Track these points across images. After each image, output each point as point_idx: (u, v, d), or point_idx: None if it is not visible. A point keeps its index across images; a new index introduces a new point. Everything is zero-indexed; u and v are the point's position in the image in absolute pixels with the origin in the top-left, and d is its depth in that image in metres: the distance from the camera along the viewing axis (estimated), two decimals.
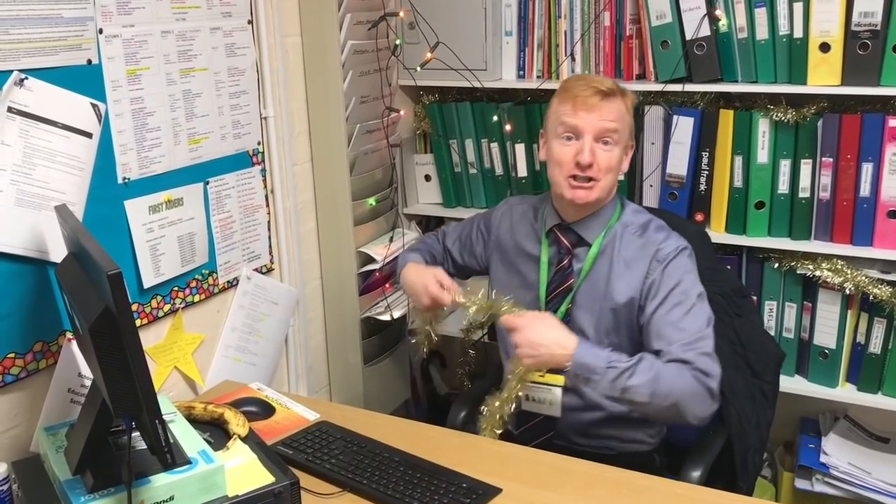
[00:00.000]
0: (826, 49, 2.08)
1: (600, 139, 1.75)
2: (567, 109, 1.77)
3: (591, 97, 1.74)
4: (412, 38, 2.53)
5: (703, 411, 1.67)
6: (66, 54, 1.62)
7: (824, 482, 2.30)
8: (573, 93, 1.77)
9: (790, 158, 2.22)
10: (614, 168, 1.78)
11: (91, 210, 1.70)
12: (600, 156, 1.75)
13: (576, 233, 1.84)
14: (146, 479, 1.35)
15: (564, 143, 1.78)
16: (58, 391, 1.65)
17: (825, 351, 2.28)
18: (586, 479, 1.62)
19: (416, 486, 1.55)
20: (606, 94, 1.75)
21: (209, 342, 2.06)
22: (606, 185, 1.78)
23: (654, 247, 1.78)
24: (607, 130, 1.75)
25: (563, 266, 1.84)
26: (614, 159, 1.77)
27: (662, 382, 1.63)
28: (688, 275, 1.76)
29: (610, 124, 1.75)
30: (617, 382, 1.64)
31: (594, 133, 1.75)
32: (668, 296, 1.73)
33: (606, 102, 1.75)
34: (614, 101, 1.76)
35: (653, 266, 1.76)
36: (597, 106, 1.74)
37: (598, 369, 1.65)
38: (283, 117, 2.20)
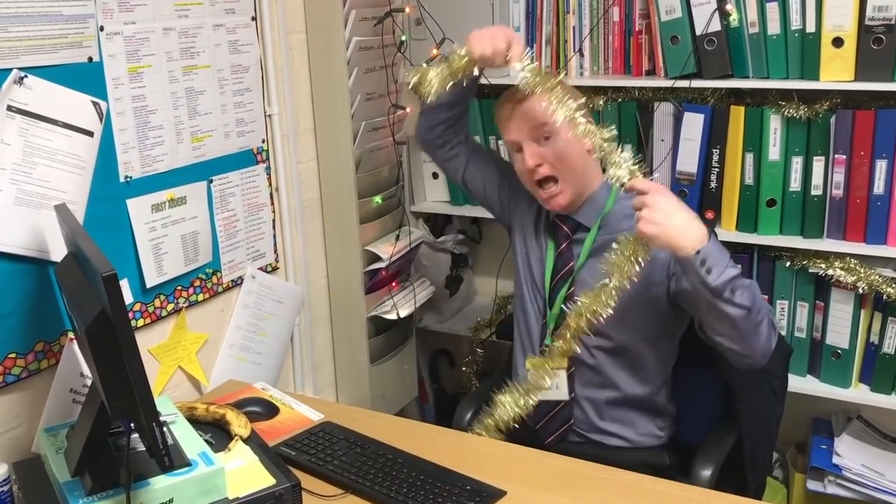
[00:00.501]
0: (839, 44, 2.04)
1: (538, 139, 1.76)
2: (501, 129, 1.83)
3: (509, 110, 1.78)
4: (419, 35, 2.51)
5: (769, 350, 1.61)
6: (67, 52, 1.60)
7: (837, 484, 2.27)
8: (497, 114, 1.84)
9: (802, 155, 2.18)
10: (569, 156, 1.75)
11: (93, 209, 1.69)
12: (545, 153, 1.76)
13: (574, 219, 1.85)
14: (145, 481, 1.34)
15: (516, 158, 1.82)
16: (59, 391, 1.64)
17: (838, 351, 2.25)
18: (592, 481, 1.59)
19: (420, 488, 1.53)
20: (521, 100, 1.76)
21: (213, 341, 2.05)
22: (574, 176, 1.78)
23: None
24: (537, 128, 1.75)
25: (563, 251, 1.86)
26: (561, 149, 1.75)
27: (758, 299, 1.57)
28: None
29: (536, 122, 1.75)
30: (731, 273, 1.53)
31: (527, 138, 1.77)
32: None
33: (522, 105, 1.76)
34: (531, 100, 1.74)
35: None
36: (514, 113, 1.77)
37: (725, 257, 1.54)
38: (287, 115, 2.19)
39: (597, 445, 1.84)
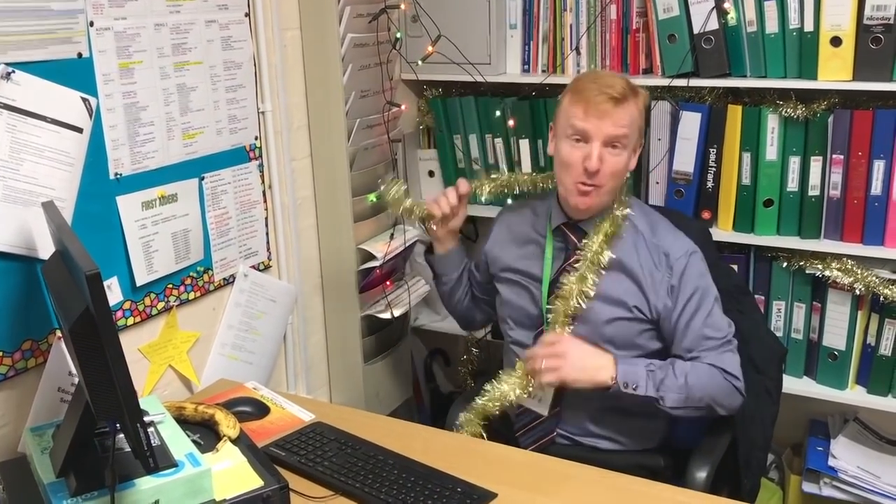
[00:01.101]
0: (837, 43, 2.03)
1: (609, 144, 1.75)
2: (578, 112, 1.76)
3: (604, 103, 1.73)
4: (414, 32, 2.49)
5: (733, 405, 1.79)
6: (56, 47, 1.59)
7: (832, 486, 2.26)
8: (585, 96, 1.75)
9: (800, 155, 2.16)
10: (620, 172, 1.78)
11: (82, 206, 1.67)
12: (608, 161, 1.75)
13: (583, 230, 1.84)
14: (131, 482, 1.32)
15: (573, 144, 1.77)
16: (47, 390, 1.63)
17: (834, 352, 2.23)
18: (584, 484, 1.58)
19: (410, 490, 1.52)
20: (619, 101, 1.74)
21: (205, 340, 2.03)
22: (609, 189, 1.80)
23: (664, 251, 1.80)
24: (617, 137, 1.75)
25: (572, 262, 1.84)
26: (621, 164, 1.77)
27: (697, 384, 1.74)
28: (703, 278, 1.81)
29: (620, 130, 1.74)
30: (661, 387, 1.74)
31: (603, 139, 1.75)
32: (688, 302, 1.78)
33: (618, 109, 1.74)
34: (626, 106, 1.75)
35: (666, 273, 1.78)
36: (608, 112, 1.73)
37: (640, 373, 1.74)
38: (281, 112, 2.17)
39: (589, 449, 1.83)
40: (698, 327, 1.78)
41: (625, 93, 1.75)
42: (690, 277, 1.79)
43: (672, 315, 1.79)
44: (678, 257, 1.79)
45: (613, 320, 1.80)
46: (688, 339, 1.79)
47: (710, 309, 1.79)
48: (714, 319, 1.79)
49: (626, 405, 1.81)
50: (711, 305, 1.79)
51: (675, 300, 1.78)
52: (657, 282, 1.79)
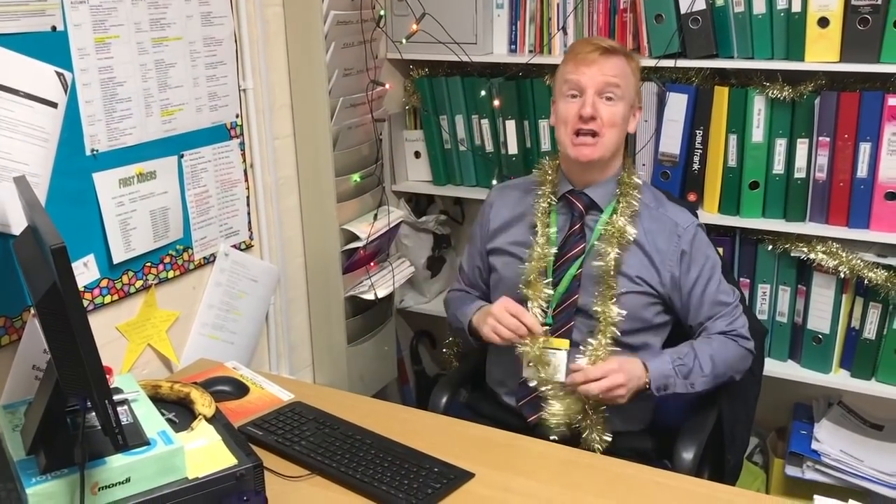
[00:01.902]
0: (825, 24, 2.01)
1: (603, 94, 1.77)
2: (570, 67, 1.80)
3: (592, 53, 1.77)
4: (400, 10, 2.46)
5: (747, 368, 1.86)
6: (29, 20, 1.56)
7: (815, 469, 2.25)
8: (575, 51, 1.82)
9: (786, 137, 2.15)
10: (618, 124, 1.78)
11: (57, 183, 1.65)
12: (603, 110, 1.76)
13: (588, 196, 1.84)
14: (102, 460, 1.31)
15: (569, 101, 1.80)
16: (21, 368, 1.61)
17: (819, 336, 2.22)
18: (562, 464, 1.57)
19: (387, 469, 1.51)
20: (607, 51, 1.78)
21: (185, 319, 2.01)
22: (611, 142, 1.79)
23: (671, 222, 1.82)
24: (608, 84, 1.76)
25: (575, 231, 1.84)
26: (618, 114, 1.78)
27: (719, 362, 1.79)
28: (710, 248, 1.86)
29: (611, 79, 1.76)
30: (688, 380, 1.77)
31: (596, 87, 1.76)
32: (700, 273, 1.81)
33: (607, 58, 1.77)
34: (616, 58, 1.78)
35: (675, 242, 1.81)
36: (597, 61, 1.77)
37: (670, 372, 1.76)
38: (262, 89, 2.14)
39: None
40: (713, 293, 1.82)
41: (615, 46, 1.80)
42: (701, 245, 1.83)
43: (685, 285, 1.80)
44: (687, 226, 1.82)
45: (623, 294, 1.79)
46: (705, 307, 1.81)
47: (719, 278, 1.84)
48: (725, 285, 1.85)
49: None
50: (719, 275, 1.84)
51: (688, 268, 1.80)
52: (666, 252, 1.80)
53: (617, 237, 1.78)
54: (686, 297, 1.82)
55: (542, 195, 1.88)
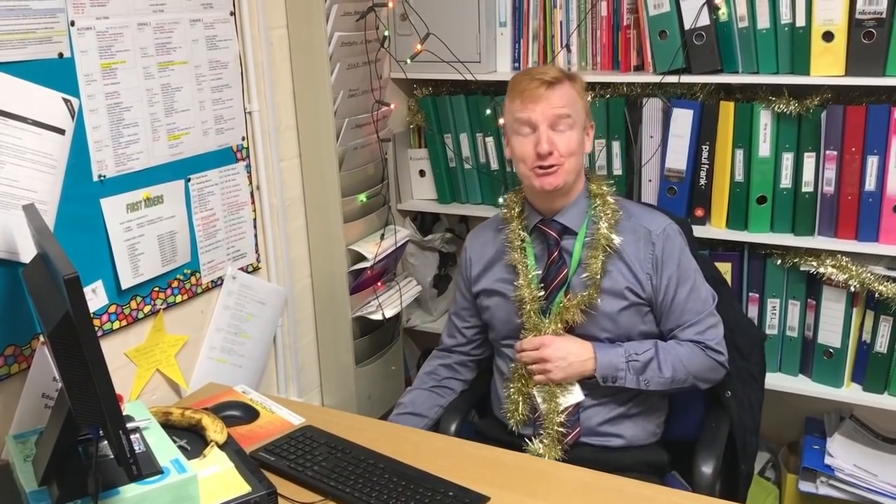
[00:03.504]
0: (830, 38, 2.01)
1: (555, 126, 1.77)
2: (518, 105, 1.80)
3: (537, 89, 1.77)
4: (404, 30, 2.47)
5: (717, 378, 1.85)
6: (36, 47, 1.56)
7: (829, 485, 2.24)
8: (520, 87, 1.80)
9: (793, 152, 2.14)
10: (575, 150, 1.79)
11: (65, 209, 1.64)
12: (558, 141, 1.77)
13: (560, 223, 1.84)
14: (115, 490, 1.30)
15: (523, 138, 1.80)
16: (31, 396, 1.60)
17: (830, 350, 2.21)
18: (578, 486, 1.55)
19: (401, 494, 1.49)
20: (551, 83, 1.77)
21: (193, 344, 2.00)
22: (571, 168, 1.79)
23: (644, 230, 1.82)
24: (559, 117, 1.77)
25: (555, 258, 1.84)
26: (574, 141, 1.78)
27: (680, 367, 1.78)
28: (683, 251, 1.83)
29: (560, 110, 1.77)
30: (641, 376, 1.77)
31: (548, 122, 1.77)
32: (669, 279, 1.80)
33: (553, 90, 1.77)
34: (561, 88, 1.78)
35: (648, 249, 1.80)
36: (543, 95, 1.77)
37: (621, 365, 1.77)
38: (268, 112, 2.14)
39: (597, 448, 1.81)
40: (682, 301, 1.80)
41: (557, 76, 1.79)
42: (672, 251, 1.81)
43: (658, 290, 1.80)
44: (658, 232, 1.81)
45: (618, 313, 1.80)
46: (673, 314, 1.81)
47: (693, 283, 1.82)
48: (697, 293, 1.82)
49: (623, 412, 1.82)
50: (693, 279, 1.82)
51: (660, 274, 1.80)
52: (643, 260, 1.80)
53: (602, 245, 1.78)
54: (659, 302, 1.82)
55: (512, 232, 1.88)
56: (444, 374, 2.03)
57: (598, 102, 2.35)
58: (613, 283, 1.80)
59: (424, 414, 1.95)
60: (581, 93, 1.83)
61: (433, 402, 1.98)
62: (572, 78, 1.82)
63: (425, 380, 2.02)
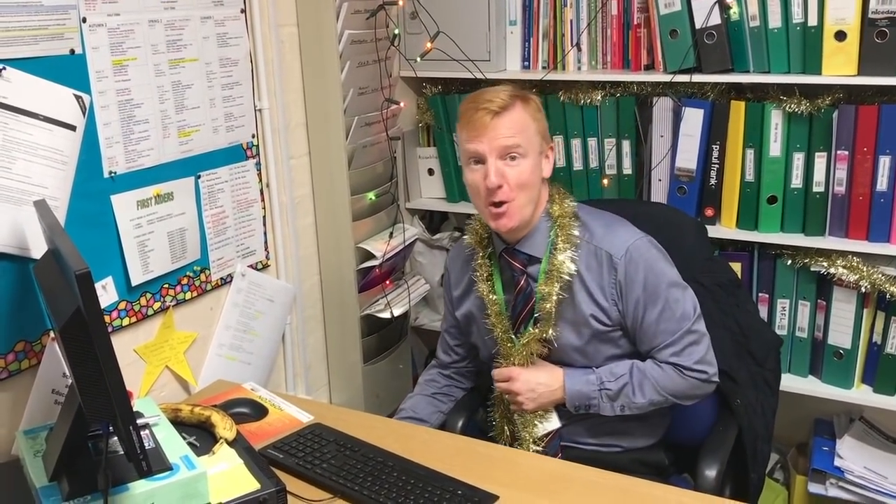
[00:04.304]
0: (842, 37, 2.00)
1: (505, 157, 1.67)
2: (465, 135, 1.71)
3: (484, 118, 1.66)
4: (413, 28, 2.47)
5: (703, 394, 1.77)
6: (47, 44, 1.56)
7: (839, 487, 2.23)
8: (467, 117, 1.70)
9: (804, 151, 2.14)
10: (527, 181, 1.68)
11: (76, 205, 1.64)
12: (508, 174, 1.67)
13: (523, 252, 1.77)
14: (125, 486, 1.30)
15: (473, 168, 1.71)
16: (41, 392, 1.60)
17: (840, 351, 2.20)
18: (587, 486, 1.55)
19: (410, 492, 1.49)
20: (498, 112, 1.66)
21: (202, 341, 2.01)
22: (525, 202, 1.69)
23: (606, 255, 1.71)
24: (507, 148, 1.66)
25: (522, 287, 1.78)
26: (525, 172, 1.68)
27: (658, 390, 1.72)
28: (650, 271, 1.70)
29: (509, 140, 1.66)
30: (616, 403, 1.73)
31: (496, 153, 1.67)
32: (637, 302, 1.70)
33: (500, 119, 1.66)
34: (510, 114, 1.67)
35: (611, 275, 1.71)
36: (489, 125, 1.66)
37: (593, 394, 1.73)
38: (278, 109, 2.14)
39: (589, 452, 1.80)
40: (652, 323, 1.70)
41: (504, 103, 1.67)
42: (636, 274, 1.69)
43: (627, 314, 1.72)
44: (620, 256, 1.69)
45: (587, 344, 1.75)
46: (646, 336, 1.72)
47: (664, 302, 1.69)
48: (669, 312, 1.70)
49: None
50: (664, 297, 1.69)
51: (626, 298, 1.70)
52: (605, 286, 1.71)
53: (556, 276, 1.70)
54: (629, 326, 1.73)
55: (479, 262, 1.82)
56: (444, 382, 2.01)
57: (608, 101, 2.34)
58: (576, 312, 1.73)
59: (426, 419, 1.93)
60: (535, 114, 1.71)
61: (435, 408, 1.96)
62: (525, 99, 1.70)
63: (425, 387, 2.01)
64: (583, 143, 2.41)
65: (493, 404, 1.89)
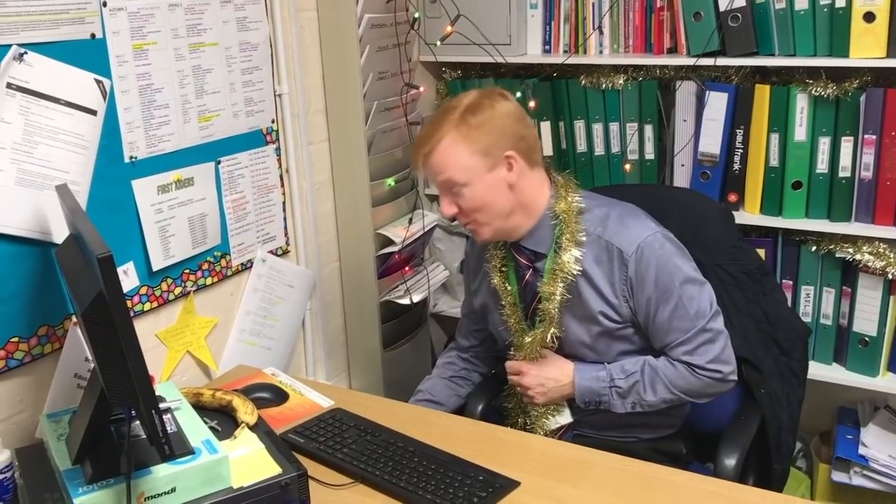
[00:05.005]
0: (871, 19, 1.96)
1: (448, 191, 1.67)
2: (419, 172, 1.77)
3: (418, 160, 1.68)
4: (433, 12, 2.45)
5: (719, 392, 1.73)
6: (68, 28, 1.56)
7: (863, 475, 2.20)
8: (412, 154, 1.73)
9: (830, 136, 2.10)
10: (481, 204, 1.65)
11: (97, 190, 1.65)
12: (459, 203, 1.66)
13: (527, 249, 1.75)
14: (147, 469, 1.30)
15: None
16: (64, 376, 1.61)
17: (865, 338, 2.17)
18: (609, 472, 1.54)
19: (431, 477, 1.49)
20: (427, 154, 1.65)
21: (223, 326, 2.01)
22: (490, 219, 1.68)
23: (617, 250, 1.66)
24: (446, 184, 1.66)
25: (528, 282, 1.76)
26: (474, 198, 1.64)
27: (671, 388, 1.69)
28: (663, 268, 1.64)
29: (444, 178, 1.65)
30: (627, 400, 1.71)
31: (440, 189, 1.69)
32: (648, 300, 1.66)
33: (429, 160, 1.65)
34: (438, 153, 1.63)
35: (621, 271, 1.66)
36: (424, 167, 1.68)
37: (603, 391, 1.72)
38: (298, 94, 2.13)
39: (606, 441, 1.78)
40: (665, 321, 1.65)
41: (432, 139, 1.64)
42: (647, 270, 1.64)
43: (639, 311, 1.68)
44: (631, 252, 1.64)
45: (596, 339, 1.72)
46: (658, 333, 1.68)
47: (677, 299, 1.64)
48: (682, 310, 1.64)
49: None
50: (677, 295, 1.64)
51: (637, 295, 1.66)
52: (615, 283, 1.67)
53: (560, 274, 1.68)
54: (641, 322, 1.69)
55: (491, 254, 1.80)
56: (462, 366, 2.00)
57: (630, 86, 2.32)
58: (585, 308, 1.69)
59: (443, 402, 1.93)
60: (469, 136, 1.61)
61: (452, 391, 1.96)
62: (457, 125, 1.62)
63: (443, 370, 2.00)
64: (604, 128, 2.39)
65: (508, 394, 1.88)
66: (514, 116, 1.66)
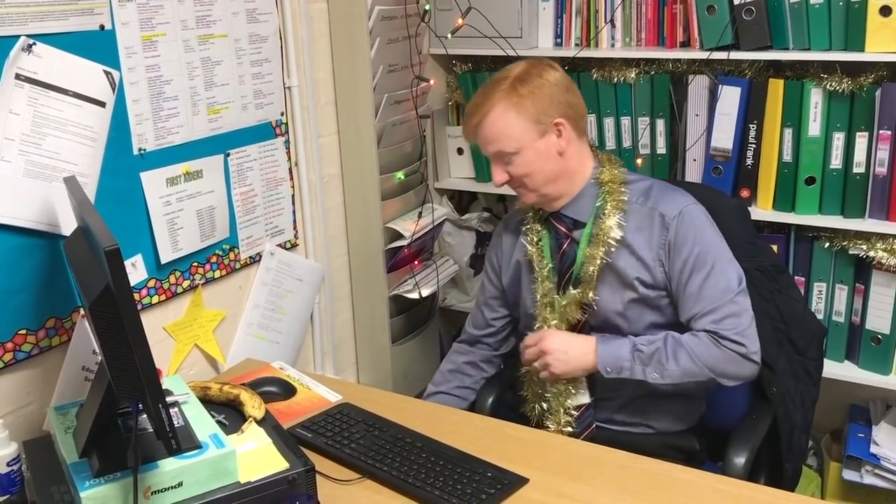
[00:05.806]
0: (887, 12, 1.94)
1: (499, 161, 1.73)
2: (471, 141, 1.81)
3: (469, 129, 1.74)
4: (444, 5, 2.43)
5: (742, 373, 1.69)
6: (77, 19, 1.55)
7: (874, 474, 2.19)
8: (463, 124, 1.79)
9: (844, 131, 2.08)
10: (530, 171, 1.71)
11: (105, 182, 1.64)
12: (510, 171, 1.72)
13: (568, 217, 1.77)
14: (154, 463, 1.29)
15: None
16: (71, 369, 1.61)
17: (878, 336, 2.15)
18: (619, 469, 1.53)
19: (439, 473, 1.48)
20: (479, 123, 1.71)
21: (231, 319, 2.00)
22: (538, 184, 1.73)
23: (659, 216, 1.70)
24: (498, 154, 1.72)
25: (565, 251, 1.77)
26: (524, 165, 1.70)
27: (694, 359, 1.66)
28: (700, 236, 1.69)
29: (496, 147, 1.71)
30: (649, 367, 1.68)
31: (491, 158, 1.74)
32: (684, 264, 1.68)
33: (482, 128, 1.71)
34: (490, 120, 1.69)
35: (662, 234, 1.70)
36: (476, 136, 1.73)
37: (625, 356, 1.69)
38: (307, 87, 2.12)
39: (620, 433, 1.78)
40: (696, 289, 1.67)
41: (483, 109, 1.69)
42: (687, 235, 1.68)
43: (672, 277, 1.70)
44: (673, 216, 1.69)
45: (631, 302, 1.73)
46: (688, 302, 1.69)
47: (710, 268, 1.67)
48: (714, 280, 1.67)
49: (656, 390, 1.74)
50: (711, 264, 1.67)
51: (673, 259, 1.68)
52: (655, 247, 1.70)
53: (602, 240, 1.70)
54: (673, 289, 1.71)
55: (528, 227, 1.82)
56: (470, 372, 1.98)
57: (642, 79, 2.30)
58: (622, 275, 1.71)
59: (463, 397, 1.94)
60: (520, 104, 1.67)
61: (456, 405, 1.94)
62: (508, 90, 1.68)
63: (449, 378, 1.97)
64: (616, 122, 2.37)
65: (523, 382, 1.87)
66: (562, 85, 1.72)
